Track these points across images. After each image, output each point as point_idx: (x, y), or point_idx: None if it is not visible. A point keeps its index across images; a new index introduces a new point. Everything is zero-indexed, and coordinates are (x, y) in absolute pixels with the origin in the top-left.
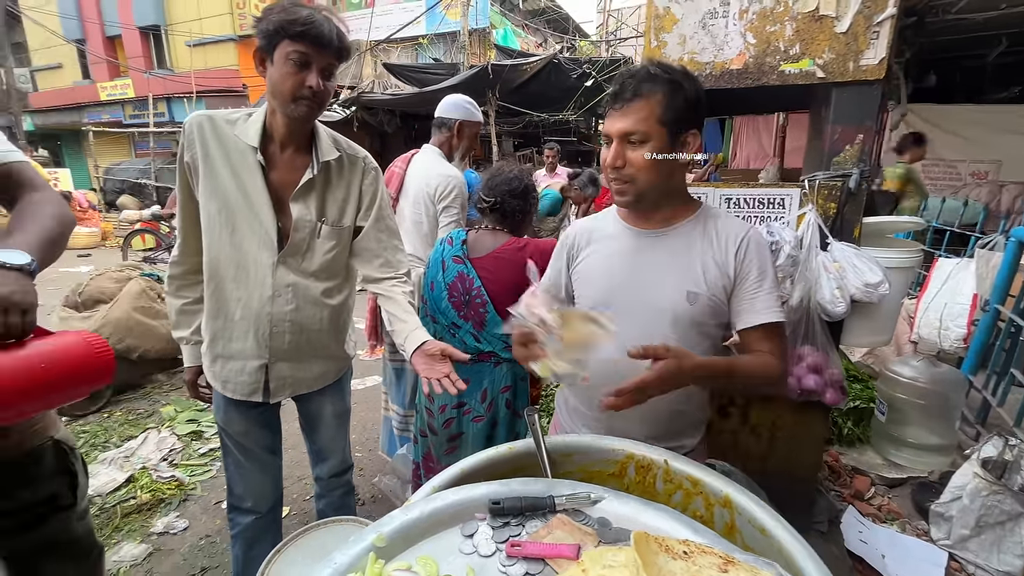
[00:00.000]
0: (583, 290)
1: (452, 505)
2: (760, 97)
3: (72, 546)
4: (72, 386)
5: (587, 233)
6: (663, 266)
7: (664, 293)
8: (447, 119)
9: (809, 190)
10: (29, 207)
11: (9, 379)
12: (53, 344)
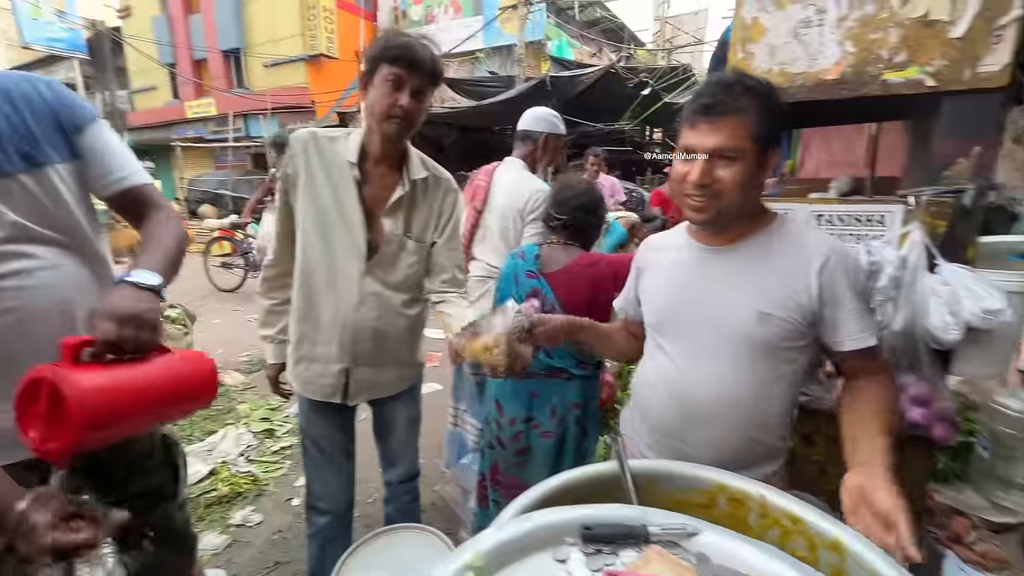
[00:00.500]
0: (646, 307)
1: (543, 528)
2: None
3: (172, 534)
4: (191, 401)
5: (655, 250)
6: (731, 285)
7: (732, 314)
8: (533, 132)
9: (915, 207)
10: (156, 228)
11: (146, 390)
12: (176, 364)
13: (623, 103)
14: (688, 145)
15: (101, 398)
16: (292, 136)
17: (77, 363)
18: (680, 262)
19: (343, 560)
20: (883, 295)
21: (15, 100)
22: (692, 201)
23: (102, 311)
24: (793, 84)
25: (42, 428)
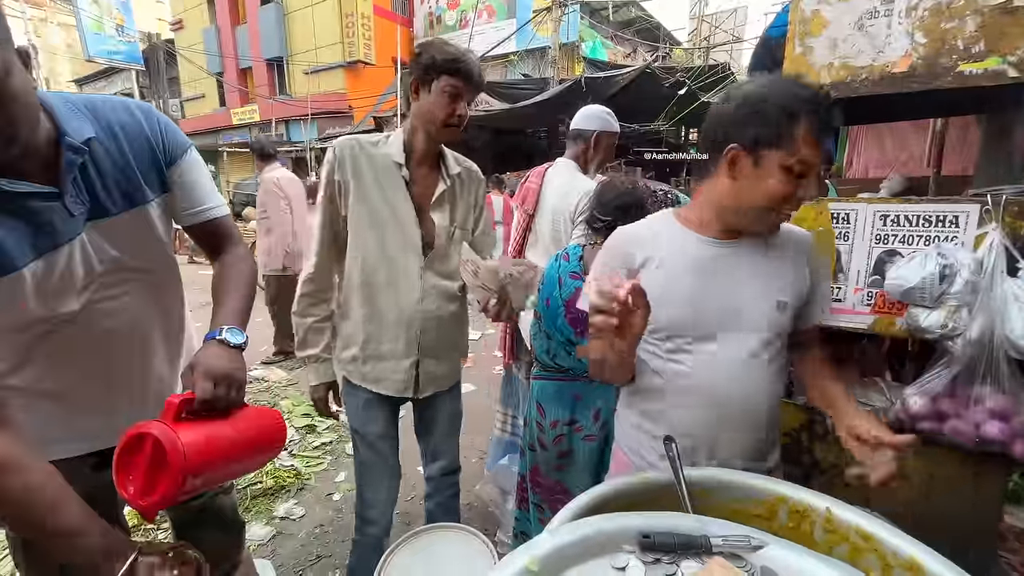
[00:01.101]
0: (662, 310)
1: (600, 534)
2: (914, 103)
3: (222, 518)
4: (267, 452)
5: (643, 243)
6: (750, 276)
7: (756, 305)
8: (584, 131)
9: (992, 206)
10: (234, 271)
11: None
12: (255, 419)
13: (659, 103)
14: (807, 161)
15: (200, 457)
16: (337, 144)
17: (179, 420)
18: (686, 256)
19: (385, 558)
20: (958, 300)
21: (118, 136)
22: (790, 212)
23: (200, 370)
24: (857, 78)
25: (141, 482)
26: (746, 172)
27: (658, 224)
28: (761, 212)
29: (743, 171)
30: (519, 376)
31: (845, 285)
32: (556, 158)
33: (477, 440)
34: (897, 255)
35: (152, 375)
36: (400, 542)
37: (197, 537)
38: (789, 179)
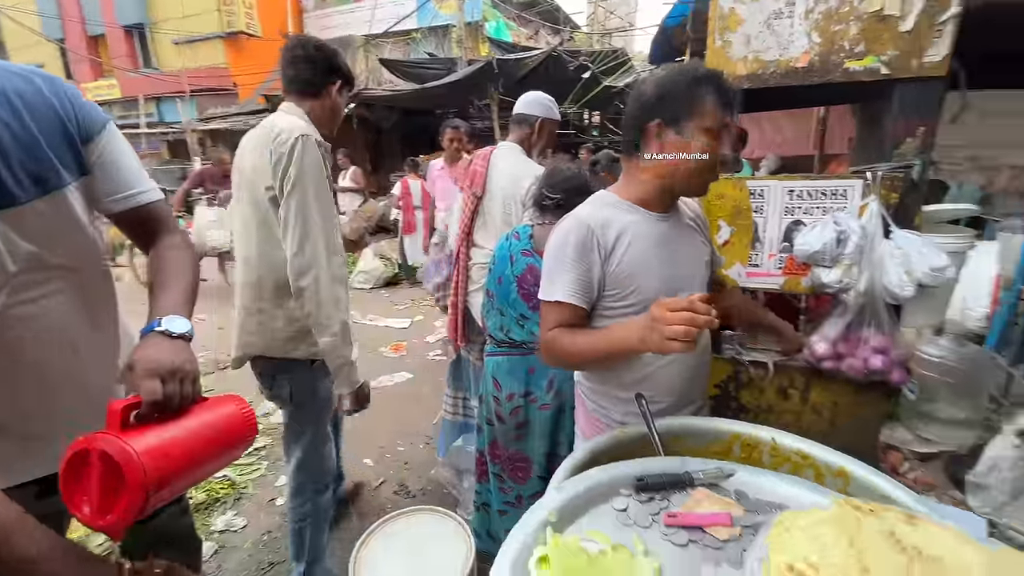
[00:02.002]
0: (637, 284)
1: (600, 483)
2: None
3: (178, 538)
4: (238, 445)
5: (606, 226)
6: (688, 243)
7: (697, 268)
8: (529, 116)
9: (871, 181)
10: (173, 259)
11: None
12: (218, 412)
13: (566, 86)
14: (725, 126)
15: (159, 461)
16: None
17: (125, 428)
18: (646, 234)
19: (362, 541)
20: (850, 260)
21: (16, 107)
22: (712, 178)
23: (141, 368)
24: (767, 71)
25: (96, 502)
26: (673, 142)
27: (609, 206)
28: (696, 174)
29: (670, 142)
30: (470, 359)
31: (761, 252)
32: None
33: (421, 427)
34: (802, 224)
35: (89, 390)
36: (378, 524)
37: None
38: (709, 140)
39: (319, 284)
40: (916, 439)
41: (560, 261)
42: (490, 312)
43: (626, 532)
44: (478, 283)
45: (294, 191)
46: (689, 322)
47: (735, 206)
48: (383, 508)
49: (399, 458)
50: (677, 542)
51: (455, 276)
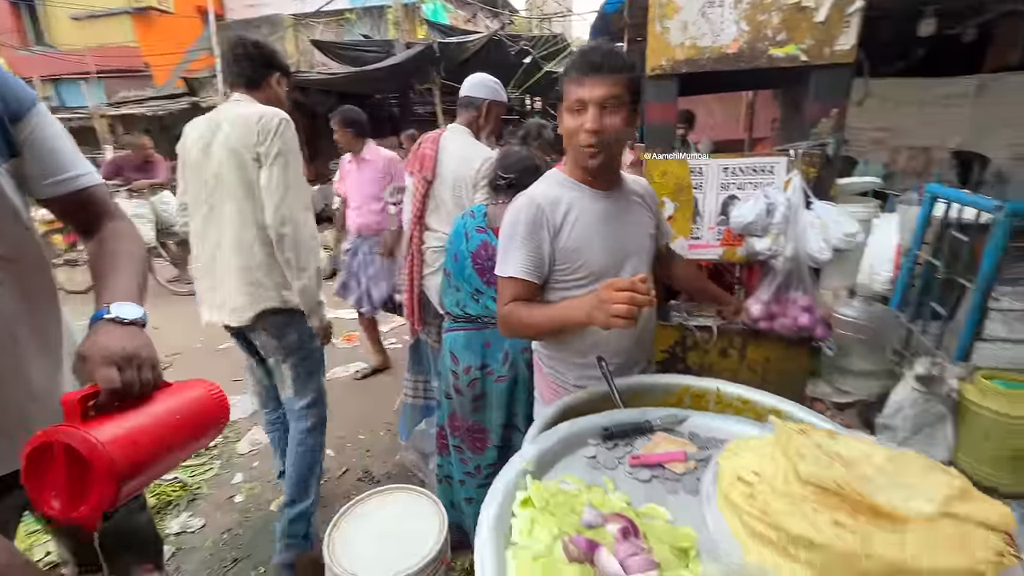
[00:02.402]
0: (584, 258)
1: (571, 435)
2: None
3: (137, 536)
4: (210, 429)
5: (555, 204)
6: (632, 219)
7: (642, 242)
8: (475, 98)
9: (794, 158)
10: (119, 244)
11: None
12: (185, 396)
13: (508, 71)
14: (580, 98)
15: (127, 449)
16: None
17: (86, 419)
18: (592, 210)
19: (335, 521)
20: (778, 229)
21: None
22: (589, 149)
23: (95, 357)
24: (702, 57)
25: (64, 496)
26: (561, 118)
27: (558, 185)
28: (572, 151)
29: (561, 119)
30: (428, 341)
31: (701, 225)
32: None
33: (381, 414)
34: (736, 199)
35: (32, 385)
36: (349, 507)
37: (115, 561)
38: (572, 116)
39: (297, 232)
40: (835, 391)
41: (512, 239)
42: (447, 290)
43: (596, 474)
44: (433, 266)
45: (277, 159)
46: (630, 301)
47: (677, 183)
48: (348, 496)
49: (360, 446)
50: (641, 479)
51: (409, 260)
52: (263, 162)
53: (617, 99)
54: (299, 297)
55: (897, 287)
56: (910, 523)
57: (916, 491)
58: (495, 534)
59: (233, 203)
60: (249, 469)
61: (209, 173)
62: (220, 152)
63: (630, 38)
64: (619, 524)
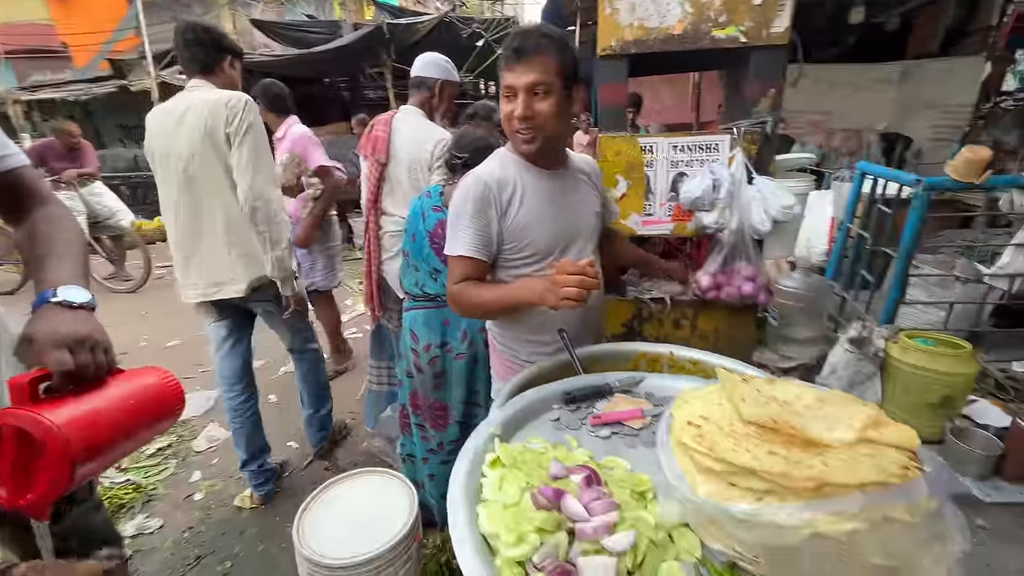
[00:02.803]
0: (531, 237)
1: (535, 401)
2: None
3: (93, 536)
4: (166, 416)
5: (502, 184)
6: (579, 198)
7: (587, 220)
8: (428, 79)
9: (736, 136)
10: (55, 228)
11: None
12: (140, 381)
13: (460, 54)
14: (509, 85)
15: (82, 431)
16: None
17: (37, 401)
18: (538, 189)
19: (305, 505)
20: (723, 203)
21: None
22: (522, 135)
23: (44, 339)
24: (650, 37)
25: (11, 482)
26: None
27: (505, 164)
28: (509, 135)
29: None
30: (389, 327)
31: (654, 202)
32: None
33: (344, 403)
34: (685, 175)
35: None
36: (319, 491)
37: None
38: (505, 102)
39: (269, 206)
40: (780, 357)
41: (461, 217)
42: (406, 270)
43: (560, 435)
44: (391, 251)
45: (246, 139)
46: (580, 285)
47: (629, 162)
48: (315, 484)
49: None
50: (602, 436)
51: (367, 245)
52: (233, 142)
53: (546, 85)
54: (273, 268)
55: (832, 259)
56: (833, 448)
57: (839, 422)
58: (466, 491)
59: (216, 186)
60: (208, 466)
61: (182, 161)
62: (193, 138)
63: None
64: (582, 474)
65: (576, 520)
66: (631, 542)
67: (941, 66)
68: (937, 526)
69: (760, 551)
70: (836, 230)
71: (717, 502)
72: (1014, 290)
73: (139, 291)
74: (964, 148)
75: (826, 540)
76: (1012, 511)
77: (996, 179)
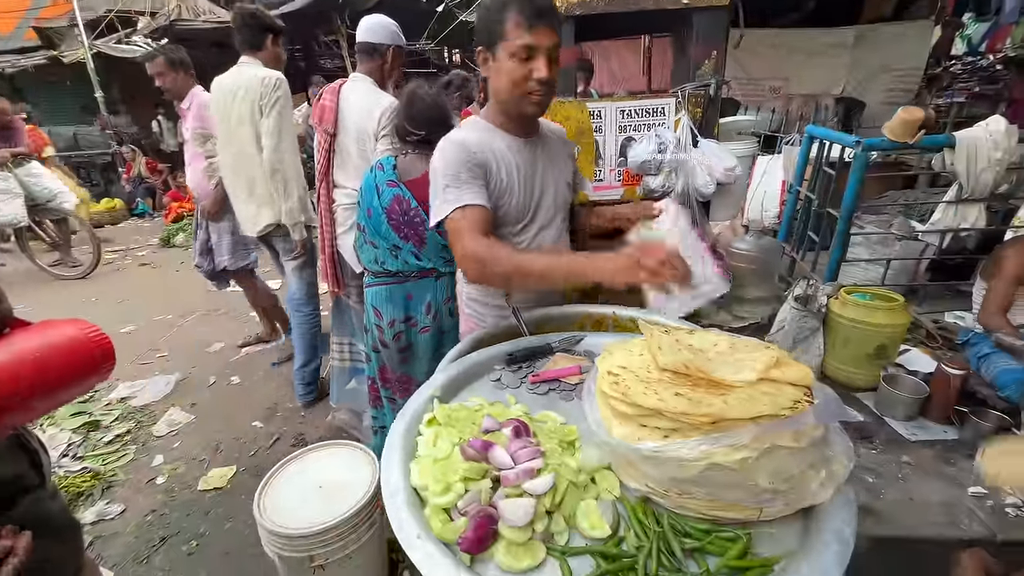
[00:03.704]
0: (505, 204)
1: (477, 363)
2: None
3: (49, 524)
4: (78, 378)
5: (485, 149)
6: (550, 167)
7: (559, 189)
8: (380, 45)
9: (681, 99)
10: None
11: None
12: (47, 334)
13: (420, 20)
14: (530, 45)
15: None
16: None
17: None
18: (512, 158)
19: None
20: (669, 167)
21: None
22: (536, 96)
23: None
24: None
25: None
26: (492, 67)
27: (483, 132)
28: (513, 97)
29: (491, 67)
30: (350, 302)
31: (604, 167)
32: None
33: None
34: (633, 140)
35: None
36: (280, 465)
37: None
38: (519, 64)
39: (286, 168)
40: (734, 318)
41: (457, 176)
42: (363, 246)
43: (501, 394)
44: (344, 225)
45: (274, 109)
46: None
47: (579, 127)
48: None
49: (291, 415)
50: (540, 392)
51: (320, 220)
52: (264, 112)
53: (559, 47)
54: (285, 216)
55: (783, 221)
56: (736, 388)
57: (744, 365)
58: (402, 451)
59: (248, 148)
60: (170, 450)
61: (234, 122)
62: (242, 107)
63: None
64: (512, 426)
65: (501, 468)
66: (550, 484)
67: (894, 30)
68: (823, 451)
69: (668, 484)
70: (787, 193)
71: (629, 443)
72: (945, 245)
73: (89, 277)
74: (900, 109)
75: (722, 469)
76: (935, 448)
77: (928, 139)
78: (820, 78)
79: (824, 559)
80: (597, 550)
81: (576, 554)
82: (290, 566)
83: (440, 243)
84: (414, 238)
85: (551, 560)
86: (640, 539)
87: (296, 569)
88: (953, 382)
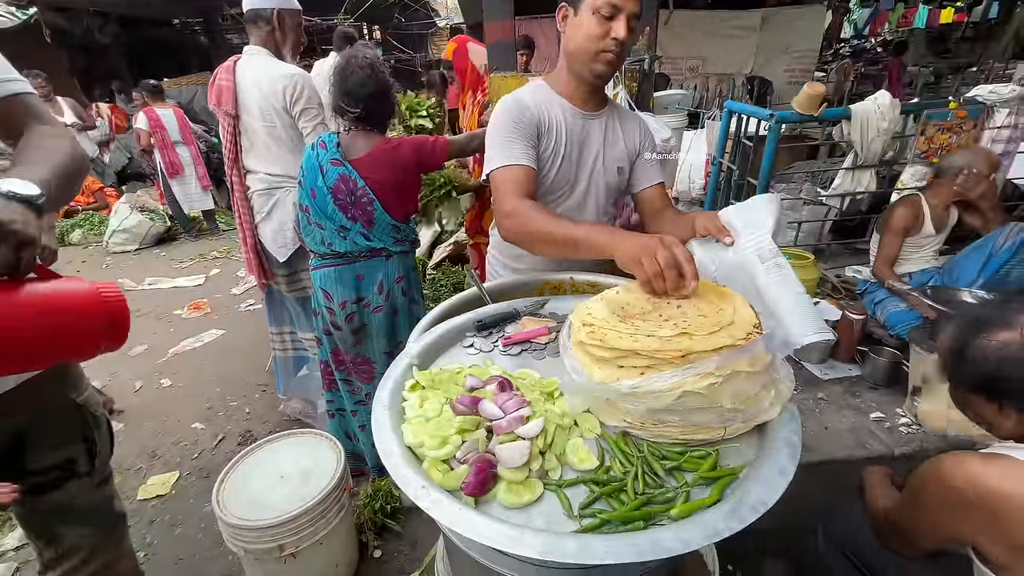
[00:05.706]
0: (550, 171)
1: (450, 331)
2: None
3: (91, 512)
4: (75, 339)
5: (544, 112)
6: (603, 146)
7: (608, 169)
8: (262, 10)
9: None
10: (39, 138)
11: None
12: (53, 287)
13: None
14: (616, 4)
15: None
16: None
17: None
18: (568, 125)
19: (225, 472)
20: None
21: None
22: (608, 55)
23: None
24: None
25: None
26: (570, 22)
27: (544, 94)
28: (587, 53)
29: (569, 22)
30: (282, 290)
31: None
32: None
33: (251, 378)
34: None
35: None
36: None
37: (59, 534)
38: (599, 20)
39: None
40: None
41: (507, 132)
42: (307, 228)
43: (476, 359)
44: (262, 212)
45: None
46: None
47: None
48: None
49: (234, 412)
50: (513, 353)
51: (236, 210)
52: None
53: (638, 18)
54: None
55: (708, 192)
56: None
57: (704, 310)
58: (390, 412)
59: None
60: None
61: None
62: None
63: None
64: (496, 382)
65: (492, 419)
66: (540, 427)
67: (793, 13)
68: (772, 375)
69: (645, 416)
70: (711, 165)
71: (609, 384)
72: (844, 208)
73: None
74: (805, 85)
75: (693, 395)
76: (843, 384)
77: (828, 111)
78: (732, 58)
79: (779, 459)
80: (589, 479)
81: (570, 485)
82: (259, 558)
83: (390, 222)
84: (362, 218)
85: (549, 493)
86: (625, 465)
87: (266, 560)
88: (855, 326)
